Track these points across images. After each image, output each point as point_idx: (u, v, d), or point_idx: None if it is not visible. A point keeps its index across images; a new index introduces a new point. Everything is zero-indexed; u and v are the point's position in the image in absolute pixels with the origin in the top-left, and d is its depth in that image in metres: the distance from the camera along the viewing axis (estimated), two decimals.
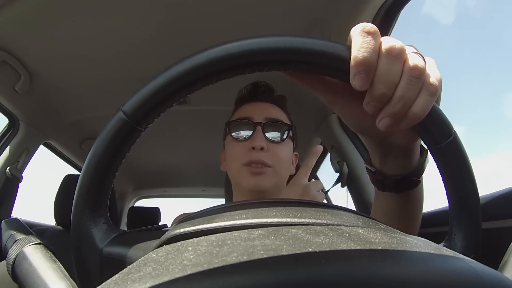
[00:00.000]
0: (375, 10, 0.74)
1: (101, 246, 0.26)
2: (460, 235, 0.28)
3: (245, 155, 0.58)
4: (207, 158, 1.73)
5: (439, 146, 0.27)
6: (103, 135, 0.25)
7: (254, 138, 0.58)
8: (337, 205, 0.28)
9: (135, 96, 0.24)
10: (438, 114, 0.26)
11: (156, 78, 0.24)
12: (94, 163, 0.25)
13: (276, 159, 0.59)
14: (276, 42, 0.24)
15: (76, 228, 0.26)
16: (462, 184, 0.27)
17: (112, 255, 0.26)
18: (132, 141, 0.25)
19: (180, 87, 0.24)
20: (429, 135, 0.27)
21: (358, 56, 0.24)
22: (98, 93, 1.13)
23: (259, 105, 0.63)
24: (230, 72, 0.24)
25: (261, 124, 0.59)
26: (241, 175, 0.59)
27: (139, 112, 0.24)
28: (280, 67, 0.25)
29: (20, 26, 0.81)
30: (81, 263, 0.26)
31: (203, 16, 0.81)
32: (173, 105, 0.25)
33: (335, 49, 0.25)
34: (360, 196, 1.04)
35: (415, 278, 0.14)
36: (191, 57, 0.24)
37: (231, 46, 0.24)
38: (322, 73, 0.29)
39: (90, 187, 0.25)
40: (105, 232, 0.27)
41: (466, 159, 0.27)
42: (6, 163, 1.09)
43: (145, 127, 0.25)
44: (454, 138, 0.27)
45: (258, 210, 0.23)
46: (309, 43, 0.24)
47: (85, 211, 0.26)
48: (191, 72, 0.24)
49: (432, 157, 0.28)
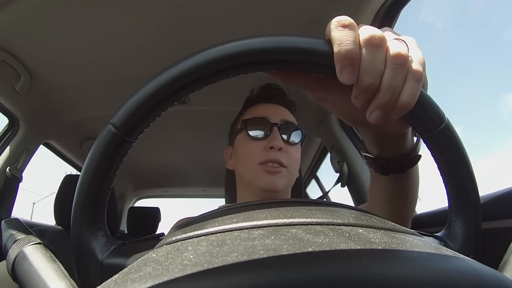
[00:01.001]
0: (375, 10, 0.74)
1: (101, 258, 0.26)
2: (460, 222, 0.28)
3: (261, 154, 0.58)
4: (207, 158, 1.73)
5: (431, 134, 0.26)
6: (94, 149, 0.25)
7: (272, 138, 0.58)
8: (336, 202, 0.28)
9: (122, 108, 0.24)
10: (427, 102, 0.26)
11: (141, 88, 0.24)
12: (87, 179, 0.25)
13: (291, 160, 0.59)
14: (258, 43, 0.24)
15: (76, 242, 0.26)
16: (458, 170, 0.27)
17: (112, 267, 0.26)
18: (123, 152, 0.25)
19: (165, 96, 0.24)
20: (420, 124, 0.27)
21: (341, 51, 0.24)
22: (98, 93, 1.13)
23: (274, 107, 0.64)
24: (213, 77, 0.24)
25: (278, 125, 0.60)
26: (256, 174, 0.58)
27: (127, 123, 0.24)
28: (264, 67, 0.25)
29: (20, 26, 0.82)
30: (82, 274, 0.27)
31: (202, 16, 0.81)
32: (161, 114, 0.25)
33: (318, 45, 0.25)
34: (360, 196, 1.04)
35: (415, 278, 0.14)
36: (172, 66, 0.24)
37: (211, 52, 0.24)
38: (307, 70, 0.28)
39: (85, 202, 0.26)
40: (104, 245, 0.27)
41: (460, 146, 0.27)
42: (6, 163, 1.09)
43: (135, 138, 0.25)
44: (446, 125, 0.26)
45: (257, 211, 0.23)
46: (291, 41, 0.24)
47: (83, 225, 0.26)
48: (174, 81, 0.24)
49: (426, 145, 0.28)
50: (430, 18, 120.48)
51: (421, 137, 0.28)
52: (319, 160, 1.51)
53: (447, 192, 0.29)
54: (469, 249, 0.27)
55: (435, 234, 0.29)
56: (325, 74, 0.26)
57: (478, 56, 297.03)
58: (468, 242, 0.28)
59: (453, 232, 0.28)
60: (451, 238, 0.28)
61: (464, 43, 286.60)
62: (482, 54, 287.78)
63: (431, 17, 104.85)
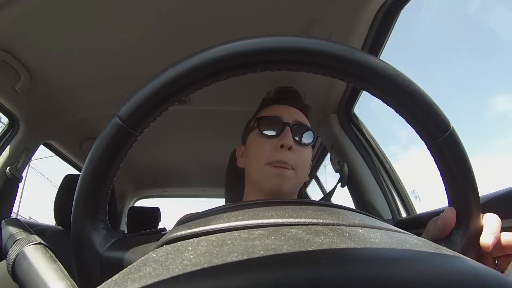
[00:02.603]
0: (375, 10, 0.74)
1: (101, 251, 0.26)
2: (460, 231, 0.28)
3: (271, 153, 0.58)
4: (207, 158, 1.73)
5: (436, 141, 0.26)
6: (100, 140, 0.25)
7: (283, 136, 0.59)
8: (336, 204, 0.28)
9: (130, 101, 0.24)
10: (434, 109, 0.26)
11: (150, 82, 0.24)
12: (91, 170, 0.25)
13: (300, 161, 0.60)
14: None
15: (76, 234, 0.26)
16: (461, 179, 0.27)
17: (112, 259, 0.26)
18: (128, 146, 0.25)
19: (174, 90, 0.24)
20: (425, 130, 0.27)
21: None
22: (98, 93, 1.13)
23: (289, 108, 0.65)
24: (225, 73, 0.24)
25: (290, 125, 0.60)
26: (263, 174, 0.59)
27: (134, 116, 0.24)
28: (290, 67, 0.25)
29: (20, 26, 0.81)
30: (82, 266, 0.27)
31: (203, 16, 0.81)
32: (167, 109, 0.25)
33: (344, 51, 0.24)
34: (360, 196, 1.04)
35: (415, 278, 0.14)
36: (182, 61, 0.24)
37: (225, 48, 0.23)
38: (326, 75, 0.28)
39: (88, 193, 0.25)
40: (104, 237, 0.27)
41: (464, 154, 0.27)
42: (6, 163, 1.09)
43: (141, 131, 0.25)
44: (451, 132, 0.26)
45: (257, 211, 0.23)
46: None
47: (84, 217, 0.26)
48: (183, 76, 0.23)
49: (430, 152, 0.28)
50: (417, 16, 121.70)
51: (425, 143, 0.28)
52: (319, 160, 1.51)
53: (448, 198, 0.29)
54: (468, 255, 0.28)
55: (436, 242, 0.29)
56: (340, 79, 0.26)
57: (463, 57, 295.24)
58: (467, 250, 0.28)
59: (453, 239, 0.28)
60: (450, 245, 0.28)
61: (448, 42, 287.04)
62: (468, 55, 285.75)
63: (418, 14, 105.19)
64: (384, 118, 75.59)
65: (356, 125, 1.11)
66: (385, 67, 0.25)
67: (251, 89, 0.72)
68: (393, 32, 0.80)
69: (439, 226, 0.30)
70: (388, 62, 0.25)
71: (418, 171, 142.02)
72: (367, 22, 0.76)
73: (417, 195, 1.59)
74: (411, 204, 1.02)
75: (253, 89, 0.71)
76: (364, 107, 1.08)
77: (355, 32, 0.78)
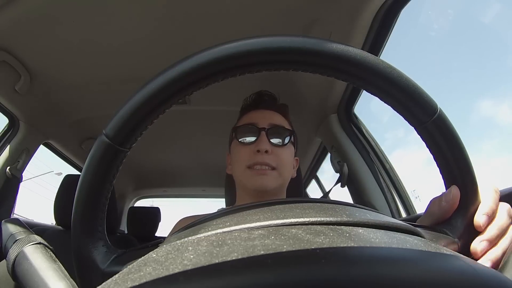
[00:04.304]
0: (375, 10, 0.74)
1: (102, 267, 0.27)
2: (459, 213, 0.28)
3: (250, 157, 0.62)
4: (207, 158, 1.73)
5: (424, 125, 0.26)
6: (90, 160, 0.25)
7: (259, 142, 0.62)
8: (336, 200, 0.27)
9: (115, 118, 0.24)
10: (418, 93, 0.25)
11: (132, 97, 0.24)
12: (84, 190, 0.25)
13: (279, 162, 0.62)
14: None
15: (77, 253, 0.27)
16: (455, 161, 0.27)
17: (113, 274, 0.26)
18: (118, 162, 0.25)
19: (156, 104, 0.24)
20: (412, 115, 0.26)
21: (492, 234, 0.27)
22: (98, 93, 1.13)
23: (264, 112, 0.67)
24: (205, 83, 0.24)
25: (265, 129, 0.63)
26: (245, 177, 0.62)
27: (121, 134, 0.24)
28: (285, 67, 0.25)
29: (20, 26, 0.82)
30: (85, 283, 0.27)
31: (203, 16, 0.81)
32: (153, 122, 0.25)
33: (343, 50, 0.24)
34: (360, 196, 1.04)
35: (415, 277, 0.14)
36: (161, 74, 0.24)
37: (211, 52, 0.23)
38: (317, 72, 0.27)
39: (84, 214, 0.26)
40: (105, 255, 0.27)
41: (455, 135, 0.26)
42: (6, 163, 1.09)
43: (129, 147, 0.25)
44: (439, 115, 0.26)
45: (255, 213, 0.23)
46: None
47: (83, 237, 0.26)
48: (162, 89, 0.23)
49: (420, 137, 0.27)
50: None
51: (415, 129, 0.27)
52: (319, 160, 1.51)
53: (444, 182, 0.29)
54: (469, 238, 0.27)
55: (435, 227, 0.28)
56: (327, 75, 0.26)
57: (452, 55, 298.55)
58: (468, 233, 0.28)
59: (453, 223, 0.28)
60: (451, 229, 0.28)
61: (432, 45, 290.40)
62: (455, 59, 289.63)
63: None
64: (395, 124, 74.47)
65: (356, 125, 1.11)
66: (364, 57, 0.24)
67: (251, 89, 0.72)
68: (393, 32, 0.80)
69: (444, 206, 0.28)
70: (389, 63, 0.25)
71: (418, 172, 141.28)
72: (367, 22, 0.77)
73: (417, 195, 1.59)
74: (411, 204, 1.02)
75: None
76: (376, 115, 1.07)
77: (355, 32, 0.79)
